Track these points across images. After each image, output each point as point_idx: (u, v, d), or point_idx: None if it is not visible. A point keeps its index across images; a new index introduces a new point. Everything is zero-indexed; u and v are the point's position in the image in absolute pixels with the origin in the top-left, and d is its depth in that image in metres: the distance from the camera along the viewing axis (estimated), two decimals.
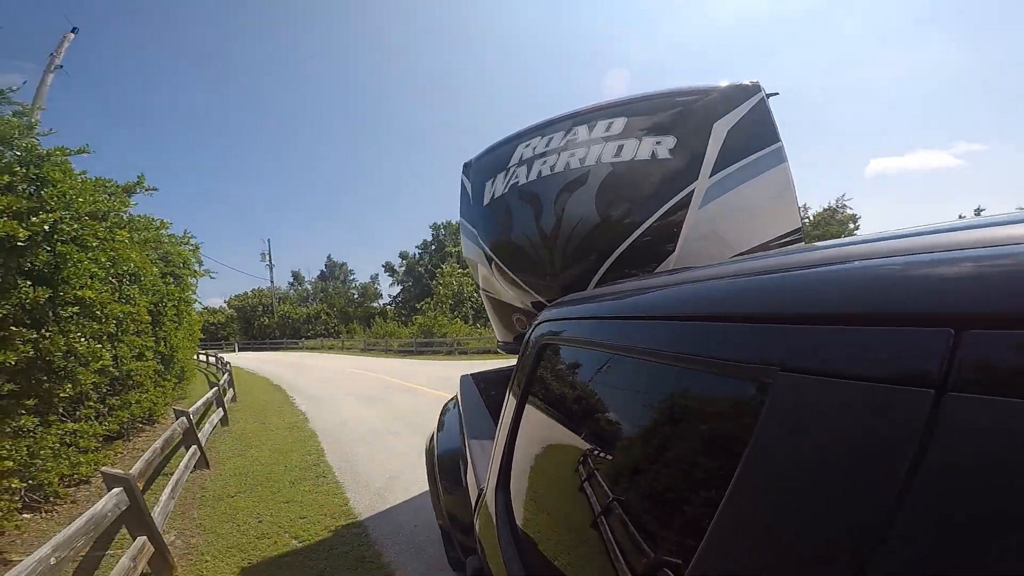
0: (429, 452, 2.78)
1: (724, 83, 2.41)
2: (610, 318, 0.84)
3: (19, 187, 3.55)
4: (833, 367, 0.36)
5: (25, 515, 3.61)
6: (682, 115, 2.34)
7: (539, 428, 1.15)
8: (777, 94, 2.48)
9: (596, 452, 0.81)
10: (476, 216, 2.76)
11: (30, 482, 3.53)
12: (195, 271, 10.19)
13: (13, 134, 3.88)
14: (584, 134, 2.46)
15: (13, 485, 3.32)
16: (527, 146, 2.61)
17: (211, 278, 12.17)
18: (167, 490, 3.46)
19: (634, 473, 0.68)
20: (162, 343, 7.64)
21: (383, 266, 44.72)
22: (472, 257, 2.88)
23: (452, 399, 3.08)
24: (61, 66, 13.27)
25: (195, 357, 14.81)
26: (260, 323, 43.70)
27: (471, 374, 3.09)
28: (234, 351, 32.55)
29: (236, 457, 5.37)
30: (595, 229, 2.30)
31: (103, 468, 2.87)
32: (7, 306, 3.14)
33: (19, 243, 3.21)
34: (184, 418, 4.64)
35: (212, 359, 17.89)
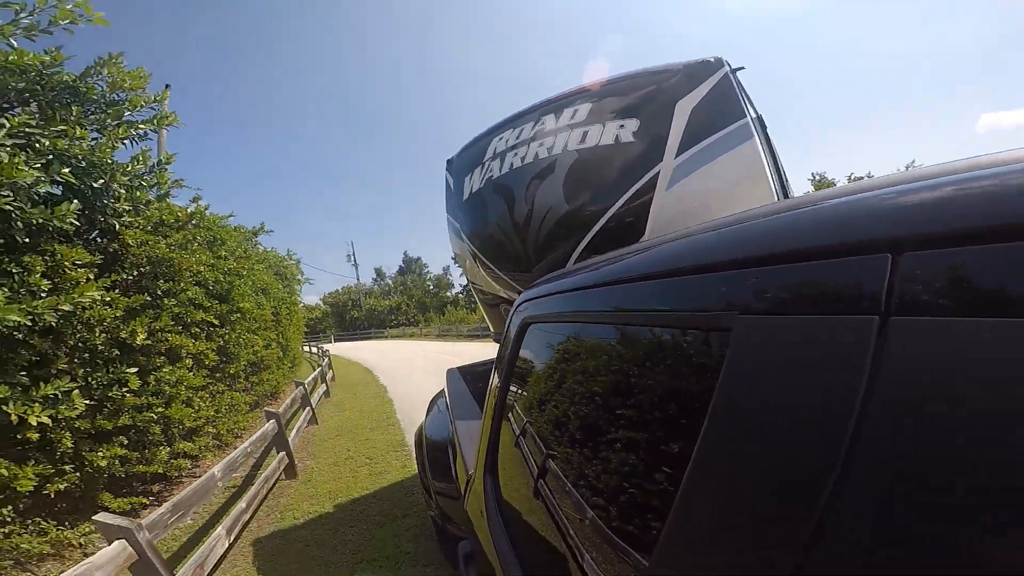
0: (418, 444, 2.82)
1: (685, 61, 2.38)
2: (581, 288, 0.86)
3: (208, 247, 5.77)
4: (785, 305, 0.38)
5: (209, 455, 5.87)
6: (645, 97, 2.34)
7: (523, 407, 1.16)
8: (743, 68, 2.47)
9: (577, 421, 0.82)
10: (458, 211, 2.81)
11: (215, 430, 5.74)
12: (299, 279, 12.88)
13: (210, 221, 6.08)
14: (551, 123, 2.46)
15: (208, 431, 5.52)
16: (500, 139, 2.63)
17: (310, 284, 14.99)
18: (292, 433, 5.46)
19: (616, 434, 0.68)
20: (281, 336, 10.18)
21: (452, 258, 47.89)
22: (458, 252, 2.95)
23: (440, 392, 3.18)
24: (172, 111, 16.85)
25: (301, 348, 18.05)
26: (351, 316, 49.14)
27: (457, 367, 3.24)
28: (331, 342, 37.26)
29: (334, 416, 7.50)
30: (564, 217, 2.34)
31: (265, 408, 4.93)
32: (213, 314, 5.32)
33: (212, 282, 5.37)
34: (301, 387, 6.79)
35: (315, 349, 21.35)
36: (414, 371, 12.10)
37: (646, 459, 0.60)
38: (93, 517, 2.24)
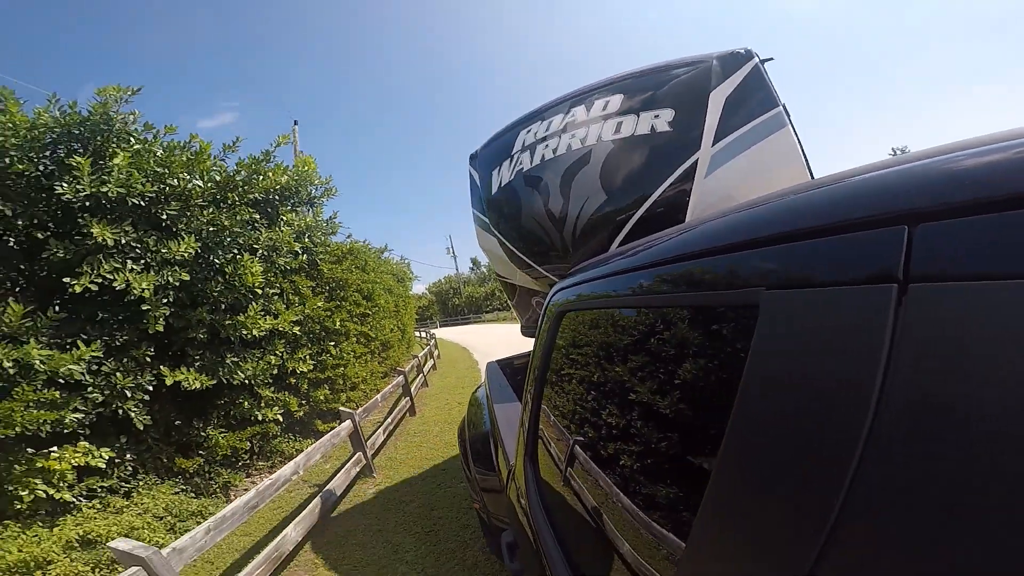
0: (461, 438, 2.86)
1: (716, 52, 2.40)
2: (612, 275, 0.88)
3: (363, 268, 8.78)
4: (809, 277, 0.40)
5: (363, 400, 8.90)
6: (677, 87, 2.35)
7: (561, 396, 1.16)
8: (772, 59, 2.47)
9: (613, 406, 0.83)
10: (487, 205, 2.80)
11: (365, 387, 8.73)
12: (410, 277, 16.19)
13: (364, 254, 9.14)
14: (582, 114, 2.47)
15: (362, 387, 8.50)
16: (528, 132, 2.64)
17: (418, 279, 18.36)
18: (413, 387, 8.25)
19: (652, 417, 0.69)
20: (400, 323, 13.38)
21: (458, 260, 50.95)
22: (487, 246, 2.92)
23: (480, 386, 3.22)
24: (302, 151, 21.13)
25: (414, 332, 21.82)
26: (452, 303, 54.23)
27: (496, 360, 3.31)
28: (436, 327, 42.07)
29: (440, 380, 10.29)
30: (602, 206, 2.34)
31: (396, 368, 7.74)
32: (367, 311, 8.27)
33: (363, 289, 8.31)
34: (416, 359, 9.65)
35: (424, 334, 25.28)
36: (500, 350, 14.74)
37: (682, 441, 0.61)
38: (340, 408, 4.95)
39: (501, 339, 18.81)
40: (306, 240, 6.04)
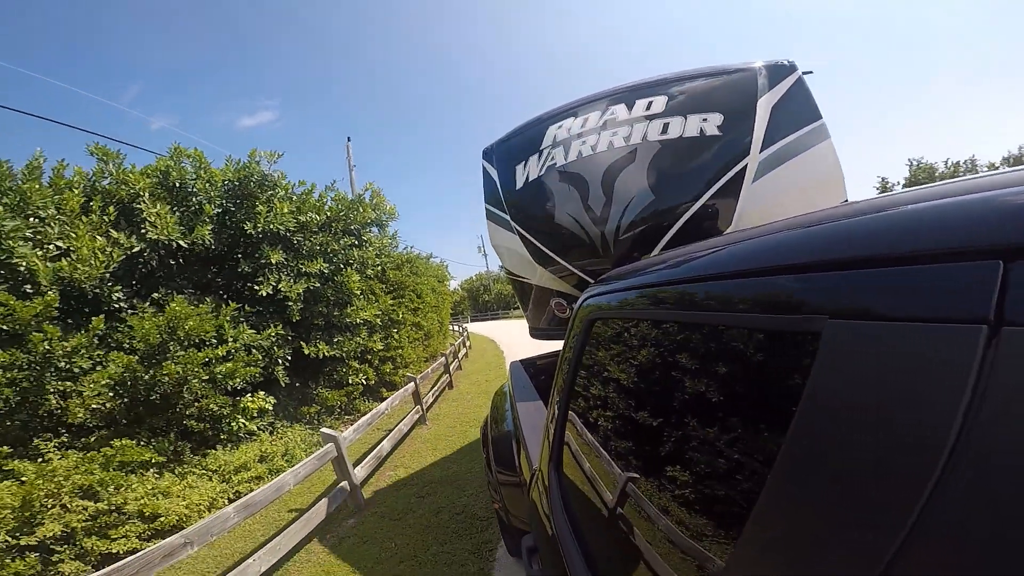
0: (483, 437, 2.89)
1: (760, 62, 2.41)
2: (658, 285, 0.83)
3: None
4: (881, 310, 0.36)
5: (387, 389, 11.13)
6: (724, 92, 2.37)
7: (590, 404, 1.13)
8: (811, 72, 2.47)
9: (651, 421, 0.79)
10: (507, 200, 2.74)
11: (414, 368, 10.96)
12: (447, 277, 18.48)
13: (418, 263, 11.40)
14: (623, 113, 2.46)
15: (412, 367, 10.73)
16: (559, 127, 2.62)
17: (452, 279, 20.66)
18: (444, 379, 10.41)
19: (686, 441, 0.65)
20: (439, 316, 15.64)
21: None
22: (503, 243, 2.86)
23: (504, 385, 3.21)
24: (355, 165, 23.39)
25: (449, 325, 24.20)
26: (482, 299, 56.68)
27: (520, 360, 3.28)
28: (468, 321, 44.55)
29: (470, 365, 12.45)
30: (650, 206, 2.32)
31: (440, 352, 9.96)
32: (418, 306, 10.52)
33: (416, 303, 10.55)
34: (453, 347, 11.85)
35: (456, 327, 27.66)
36: (523, 342, 16.82)
37: (720, 463, 0.57)
38: (406, 374, 7.17)
39: (525, 334, 20.93)
40: (383, 257, 8.27)
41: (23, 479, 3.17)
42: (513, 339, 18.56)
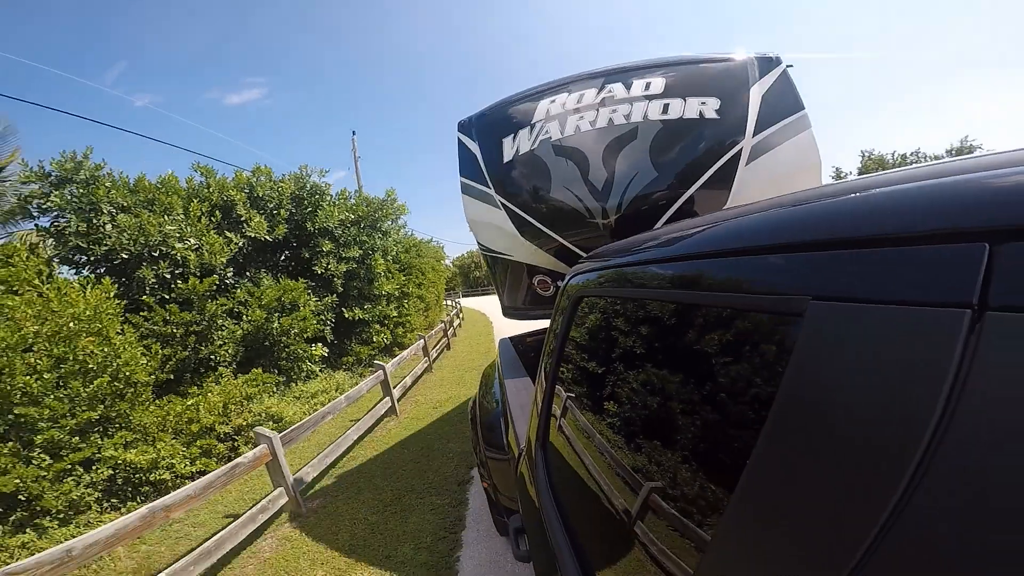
0: (472, 416, 2.85)
1: (750, 53, 2.59)
2: (646, 263, 0.83)
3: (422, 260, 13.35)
4: (865, 292, 0.35)
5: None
6: (720, 79, 2.49)
7: (577, 381, 1.13)
8: (792, 66, 2.61)
9: (636, 400, 0.79)
10: (493, 174, 2.72)
11: (416, 333, 13.40)
12: (443, 257, 20.81)
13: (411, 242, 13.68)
14: (621, 91, 2.52)
15: (415, 333, 13.15)
16: (552, 101, 2.65)
17: (447, 258, 22.95)
18: (436, 347, 12.88)
19: (672, 419, 0.66)
20: (436, 291, 18.04)
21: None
22: (483, 218, 2.83)
23: (492, 364, 3.27)
24: (359, 156, 25.22)
25: (443, 300, 26.68)
26: (473, 275, 59.07)
27: (509, 337, 3.31)
28: (460, 296, 47.04)
29: (463, 332, 14.94)
30: (652, 183, 2.40)
31: (440, 319, 12.45)
32: (422, 282, 12.92)
33: (420, 279, 12.91)
34: (449, 317, 14.30)
35: (450, 302, 30.12)
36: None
37: (705, 442, 0.58)
38: (418, 333, 9.64)
39: None
40: (398, 244, 10.58)
41: (208, 392, 5.52)
42: (500, 312, 21.17)
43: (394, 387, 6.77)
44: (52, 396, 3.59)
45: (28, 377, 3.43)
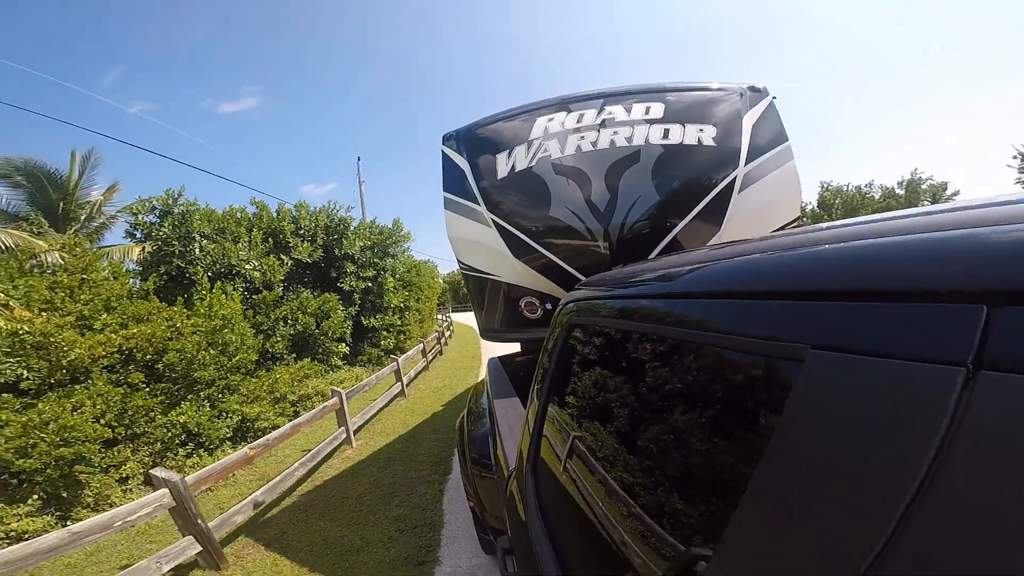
0: (460, 433, 2.82)
1: (738, 83, 2.66)
2: (642, 297, 0.82)
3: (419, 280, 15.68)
4: (864, 344, 0.36)
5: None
6: (715, 107, 2.56)
7: (568, 411, 1.13)
8: (776, 98, 2.72)
9: (626, 434, 0.80)
10: (484, 191, 2.69)
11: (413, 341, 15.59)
12: (437, 275, 23.14)
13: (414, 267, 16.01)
14: (622, 114, 2.56)
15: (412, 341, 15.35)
16: (550, 120, 2.66)
17: (441, 279, 25.25)
18: (431, 351, 15.10)
19: (664, 453, 0.67)
20: (430, 305, 20.29)
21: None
22: (469, 236, 2.78)
23: (481, 381, 3.25)
24: (363, 181, 27.63)
25: (435, 314, 28.90)
26: (463, 292, 61.32)
27: (499, 357, 3.31)
28: (450, 312, 49.14)
29: (452, 345, 17.18)
30: (655, 207, 2.44)
31: (435, 329, 14.75)
32: (419, 297, 15.22)
33: (419, 294, 15.23)
34: (438, 331, 16.56)
35: (441, 316, 32.29)
36: None
37: (695, 479, 0.59)
38: (417, 340, 11.94)
39: None
40: (403, 265, 12.90)
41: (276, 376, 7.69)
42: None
43: (404, 376, 9.00)
44: (212, 367, 5.77)
45: (204, 352, 5.63)
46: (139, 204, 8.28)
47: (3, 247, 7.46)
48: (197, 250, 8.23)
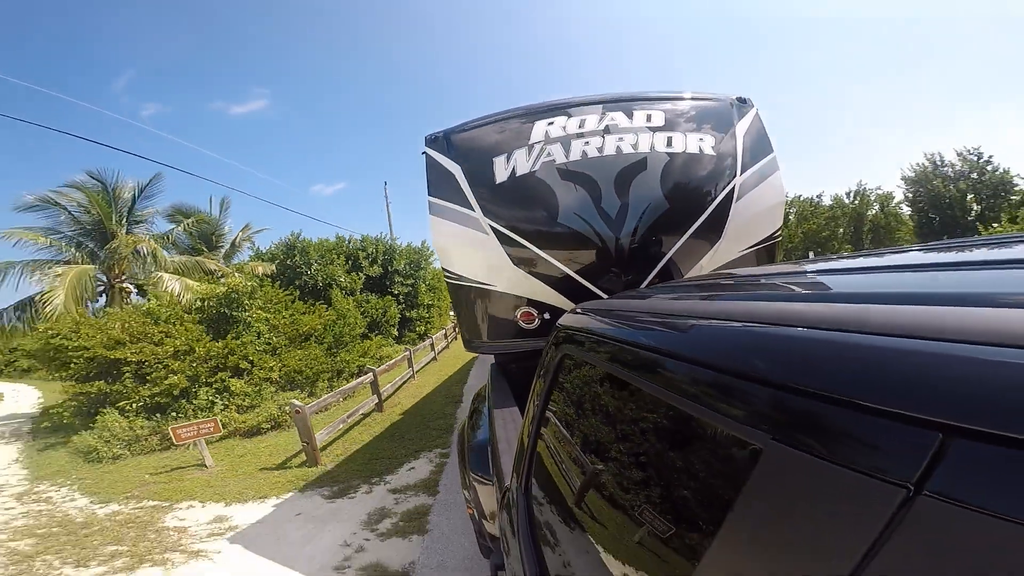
0: (461, 440, 2.87)
1: (725, 94, 2.70)
2: (628, 344, 0.82)
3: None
4: (820, 446, 0.37)
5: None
6: (711, 117, 2.59)
7: (559, 436, 1.15)
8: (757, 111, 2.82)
9: (612, 470, 0.82)
10: (480, 196, 2.63)
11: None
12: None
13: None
14: (624, 120, 2.56)
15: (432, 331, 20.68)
16: (550, 123, 2.62)
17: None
18: (438, 348, 20.44)
19: (645, 492, 0.70)
20: (440, 302, 25.67)
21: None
22: (459, 243, 2.73)
23: (483, 388, 3.22)
24: (390, 202, 32.85)
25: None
26: None
27: (500, 363, 3.32)
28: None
29: (454, 346, 22.54)
30: (665, 214, 2.46)
31: (443, 328, 20.18)
32: (441, 298, 20.66)
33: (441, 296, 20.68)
34: (444, 330, 21.95)
35: (452, 313, 37.61)
36: None
37: (660, 532, 0.61)
38: (435, 332, 17.45)
39: None
40: (429, 276, 18.27)
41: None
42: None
43: (436, 348, 14.32)
44: (348, 335, 11.15)
45: (347, 327, 11.02)
46: (277, 246, 13.70)
47: (208, 271, 12.69)
48: (313, 269, 13.62)
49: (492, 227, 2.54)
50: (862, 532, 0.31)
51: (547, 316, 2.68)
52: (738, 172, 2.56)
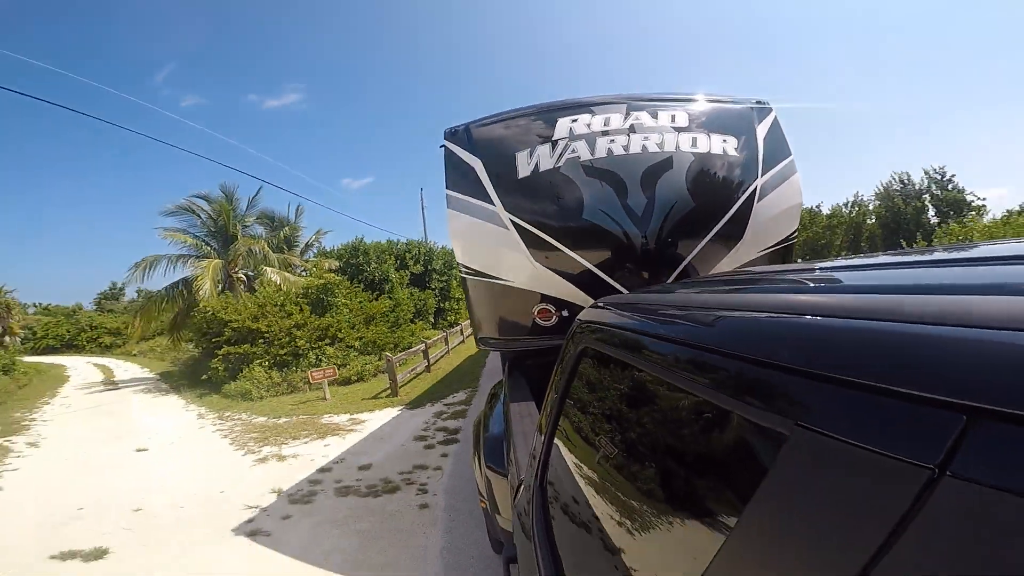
0: (476, 433, 2.88)
1: (746, 97, 2.74)
2: (651, 336, 0.83)
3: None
4: (845, 430, 0.37)
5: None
6: (733, 119, 2.65)
7: (577, 432, 1.15)
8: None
9: (633, 466, 0.82)
10: (502, 191, 2.67)
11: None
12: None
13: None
14: (649, 120, 2.60)
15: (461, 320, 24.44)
16: (574, 120, 2.65)
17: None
18: (466, 333, 24.12)
19: (657, 490, 0.70)
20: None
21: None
22: (479, 238, 2.76)
23: (500, 382, 3.33)
24: (425, 206, 36.26)
25: None
26: None
27: (516, 358, 3.32)
28: None
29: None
30: (690, 214, 2.51)
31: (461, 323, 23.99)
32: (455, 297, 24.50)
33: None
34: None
35: None
36: None
37: (684, 529, 0.61)
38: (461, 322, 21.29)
39: None
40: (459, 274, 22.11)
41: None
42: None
43: (464, 333, 17.95)
44: (403, 318, 14.96)
45: (399, 307, 14.81)
46: (344, 248, 17.56)
47: (291, 264, 16.63)
48: (372, 267, 17.42)
49: (513, 221, 2.58)
50: (886, 514, 0.32)
51: (565, 313, 2.74)
52: (759, 173, 2.61)
